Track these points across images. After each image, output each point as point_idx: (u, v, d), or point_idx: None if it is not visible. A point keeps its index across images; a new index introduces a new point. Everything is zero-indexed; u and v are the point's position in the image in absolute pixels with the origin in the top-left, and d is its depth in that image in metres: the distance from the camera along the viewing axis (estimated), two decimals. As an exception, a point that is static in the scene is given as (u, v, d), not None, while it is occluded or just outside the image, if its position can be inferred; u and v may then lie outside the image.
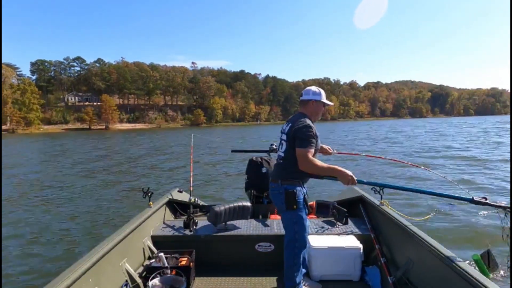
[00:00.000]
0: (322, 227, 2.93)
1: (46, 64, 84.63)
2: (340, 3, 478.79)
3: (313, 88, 2.39)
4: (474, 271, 1.69)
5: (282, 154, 2.29)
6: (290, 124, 2.28)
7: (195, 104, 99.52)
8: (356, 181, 2.15)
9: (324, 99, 2.36)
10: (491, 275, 3.05)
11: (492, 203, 1.96)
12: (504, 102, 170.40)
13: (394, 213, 2.70)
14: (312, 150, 2.15)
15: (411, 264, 2.26)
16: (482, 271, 2.79)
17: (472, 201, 2.01)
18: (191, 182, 3.67)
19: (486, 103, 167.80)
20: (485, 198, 2.00)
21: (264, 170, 3.67)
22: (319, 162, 2.16)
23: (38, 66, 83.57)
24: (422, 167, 3.45)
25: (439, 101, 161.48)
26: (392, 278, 2.28)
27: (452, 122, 66.36)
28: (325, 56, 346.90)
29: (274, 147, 3.72)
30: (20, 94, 67.44)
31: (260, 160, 3.75)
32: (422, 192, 2.39)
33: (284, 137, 2.30)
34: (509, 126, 36.45)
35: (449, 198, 2.20)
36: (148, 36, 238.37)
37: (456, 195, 2.20)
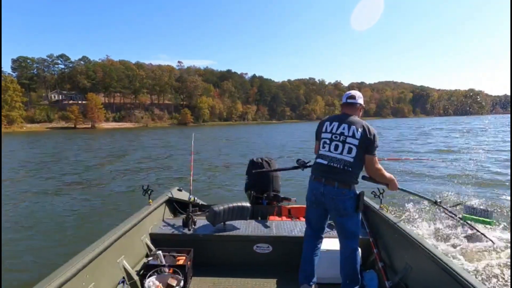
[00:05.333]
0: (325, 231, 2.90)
1: (28, 61, 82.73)
2: (325, 4, 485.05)
3: (358, 92, 2.44)
4: (471, 278, 1.70)
5: (351, 160, 2.21)
6: (358, 129, 2.23)
7: (182, 103, 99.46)
8: (398, 187, 2.43)
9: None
10: (494, 221, 3.73)
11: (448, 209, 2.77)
12: (480, 103, 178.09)
13: (393, 218, 2.69)
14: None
15: (409, 270, 2.25)
16: (482, 222, 3.53)
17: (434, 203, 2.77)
18: (191, 181, 3.65)
19: (464, 103, 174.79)
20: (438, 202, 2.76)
21: None
22: (384, 170, 2.31)
23: (20, 63, 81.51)
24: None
25: (420, 102, 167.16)
26: (389, 283, 2.30)
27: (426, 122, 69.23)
28: (310, 57, 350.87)
29: (304, 162, 3.19)
30: (2, 92, 65.82)
31: (260, 161, 3.78)
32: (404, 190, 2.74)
33: (354, 141, 2.21)
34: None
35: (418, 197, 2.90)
36: (130, 34, 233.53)
37: (423, 195, 2.80)
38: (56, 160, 16.56)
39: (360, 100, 2.42)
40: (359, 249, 2.36)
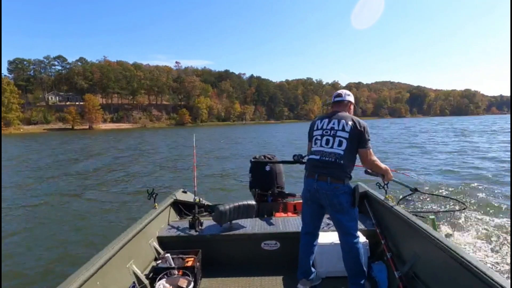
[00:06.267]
0: (328, 224, 2.86)
1: (25, 62, 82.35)
2: (323, 5, 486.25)
3: (345, 90, 2.52)
4: (481, 264, 1.71)
5: (342, 153, 2.24)
6: (348, 122, 2.29)
7: (180, 103, 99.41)
8: (392, 178, 2.47)
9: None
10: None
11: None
12: (477, 103, 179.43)
13: (399, 208, 2.70)
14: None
15: (417, 259, 2.26)
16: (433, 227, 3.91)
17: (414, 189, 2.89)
18: (195, 182, 3.65)
19: (461, 104, 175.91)
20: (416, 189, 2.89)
21: (268, 168, 3.68)
22: (379, 161, 2.34)
23: (16, 65, 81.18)
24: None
25: (417, 102, 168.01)
26: (398, 273, 2.30)
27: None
28: (308, 57, 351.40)
29: (301, 156, 3.27)
30: (-1, 93, 65.53)
31: (263, 158, 3.76)
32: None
33: (344, 134, 2.26)
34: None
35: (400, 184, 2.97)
36: (127, 35, 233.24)
37: (406, 184, 2.96)
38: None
39: (348, 97, 2.48)
40: (361, 242, 2.36)
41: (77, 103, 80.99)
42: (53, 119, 76.17)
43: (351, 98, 2.49)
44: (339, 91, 2.52)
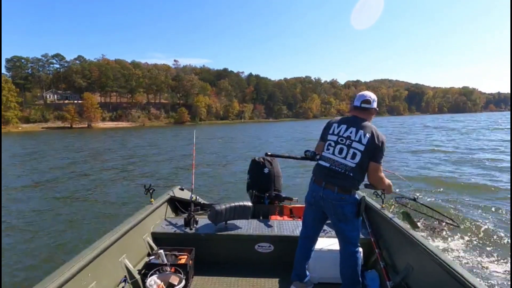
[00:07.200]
0: (324, 230, 2.79)
1: (23, 60, 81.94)
2: (322, 3, 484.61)
3: (372, 95, 2.31)
4: (473, 278, 1.71)
5: (353, 165, 2.16)
6: (366, 134, 2.17)
7: (179, 102, 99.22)
8: (392, 191, 2.44)
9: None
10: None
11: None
12: (474, 101, 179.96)
13: (395, 218, 2.69)
14: None
15: (410, 270, 2.25)
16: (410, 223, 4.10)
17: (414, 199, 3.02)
18: (193, 180, 3.66)
19: (458, 101, 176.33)
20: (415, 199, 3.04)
21: (266, 170, 3.68)
22: (385, 178, 2.26)
23: (14, 63, 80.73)
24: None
25: (415, 99, 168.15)
26: (391, 283, 2.29)
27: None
28: (306, 55, 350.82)
29: (314, 153, 2.62)
30: (-4, 92, 65.27)
31: (262, 160, 3.75)
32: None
33: (360, 147, 2.16)
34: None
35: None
36: (124, 33, 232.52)
37: (406, 194, 2.98)
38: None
39: (375, 104, 2.32)
40: (360, 252, 2.35)
41: (75, 101, 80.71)
42: (52, 118, 75.94)
43: (375, 104, 2.33)
44: (367, 96, 2.31)
